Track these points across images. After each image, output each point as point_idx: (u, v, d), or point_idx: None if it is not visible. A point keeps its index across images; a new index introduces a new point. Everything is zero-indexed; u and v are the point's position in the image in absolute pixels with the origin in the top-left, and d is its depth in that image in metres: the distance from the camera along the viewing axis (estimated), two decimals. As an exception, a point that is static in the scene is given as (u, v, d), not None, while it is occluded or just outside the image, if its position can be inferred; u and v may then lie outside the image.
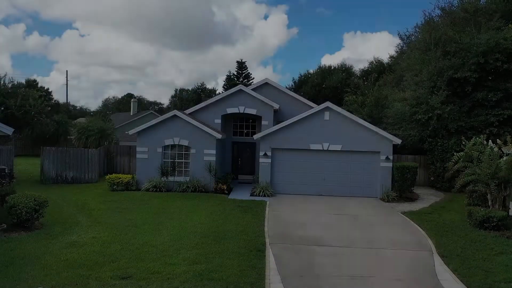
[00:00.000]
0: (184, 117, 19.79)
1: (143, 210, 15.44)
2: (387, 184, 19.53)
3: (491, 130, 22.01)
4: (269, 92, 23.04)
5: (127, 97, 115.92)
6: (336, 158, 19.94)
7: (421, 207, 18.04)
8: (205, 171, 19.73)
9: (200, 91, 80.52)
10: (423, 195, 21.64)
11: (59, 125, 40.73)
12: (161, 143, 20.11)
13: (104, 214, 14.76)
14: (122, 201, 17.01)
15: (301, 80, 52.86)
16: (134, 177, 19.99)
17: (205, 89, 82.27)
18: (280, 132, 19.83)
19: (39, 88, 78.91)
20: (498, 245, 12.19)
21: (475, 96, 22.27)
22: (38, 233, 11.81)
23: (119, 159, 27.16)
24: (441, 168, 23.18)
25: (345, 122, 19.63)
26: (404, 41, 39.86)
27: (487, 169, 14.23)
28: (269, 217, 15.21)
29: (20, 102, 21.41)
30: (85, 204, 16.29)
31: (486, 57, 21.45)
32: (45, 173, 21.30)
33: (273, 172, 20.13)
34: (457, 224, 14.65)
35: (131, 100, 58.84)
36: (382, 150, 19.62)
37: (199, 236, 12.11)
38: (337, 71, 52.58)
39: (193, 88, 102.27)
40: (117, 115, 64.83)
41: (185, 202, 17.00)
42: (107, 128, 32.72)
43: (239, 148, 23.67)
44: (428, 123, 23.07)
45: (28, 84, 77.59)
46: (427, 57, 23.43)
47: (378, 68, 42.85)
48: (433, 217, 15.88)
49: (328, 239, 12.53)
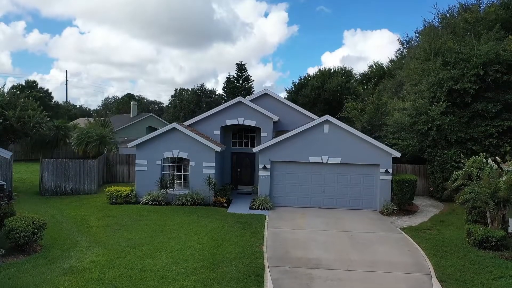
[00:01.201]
0: (183, 130, 19.75)
1: (141, 228, 15.41)
2: (387, 197, 19.52)
3: (490, 141, 22.02)
4: (268, 103, 23.01)
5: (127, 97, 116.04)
6: (336, 171, 19.92)
7: (420, 221, 18.03)
8: (204, 184, 19.70)
9: (200, 92, 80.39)
10: (423, 206, 21.64)
11: (58, 129, 40.73)
12: (160, 156, 20.07)
13: (103, 232, 14.73)
14: (121, 217, 16.99)
15: (301, 83, 52.75)
16: (133, 190, 19.95)
17: (205, 90, 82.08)
18: (280, 145, 19.79)
19: (39, 89, 78.99)
20: (497, 267, 12.19)
21: (475, 107, 22.23)
22: (36, 257, 11.77)
23: (118, 168, 27.16)
24: (440, 178, 23.16)
25: (344, 135, 19.59)
26: (404, 46, 39.83)
27: (486, 189, 14.20)
28: (268, 234, 15.20)
29: (19, 113, 21.30)
30: (84, 221, 16.26)
31: (486, 68, 21.40)
32: (45, 185, 21.27)
33: (272, 185, 20.12)
34: (456, 242, 14.64)
35: (131, 103, 58.79)
36: (382, 163, 19.59)
37: (198, 259, 12.09)
38: (337, 74, 52.48)
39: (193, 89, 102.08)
40: (117, 117, 64.78)
41: (184, 218, 16.96)
42: (106, 134, 32.69)
43: (238, 159, 23.64)
44: (427, 134, 23.04)
45: (28, 85, 77.77)
46: (426, 68, 23.36)
47: (378, 72, 42.72)
48: (432, 234, 15.87)
49: (328, 262, 12.51)
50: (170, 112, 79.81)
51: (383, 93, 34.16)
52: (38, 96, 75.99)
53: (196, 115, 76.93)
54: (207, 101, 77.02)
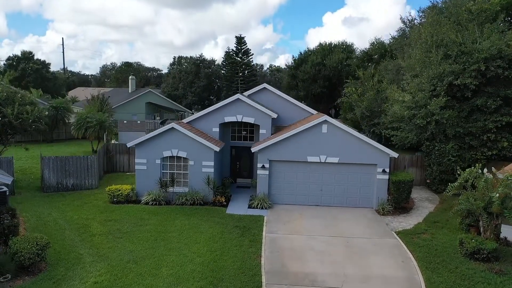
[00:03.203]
0: (182, 130, 19.79)
1: (143, 235, 15.79)
2: (383, 196, 19.84)
3: (488, 136, 22.08)
4: (267, 97, 22.92)
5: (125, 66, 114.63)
6: (334, 170, 20.14)
7: (415, 222, 18.44)
8: (204, 183, 19.98)
9: (199, 62, 79.40)
10: (419, 201, 22.04)
11: (57, 110, 40.69)
12: (159, 155, 20.23)
13: (105, 242, 15.11)
14: (122, 221, 17.36)
15: (301, 58, 52.05)
16: (134, 189, 20.25)
17: (204, 60, 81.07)
18: (278, 144, 19.89)
19: (35, 60, 77.91)
20: (487, 283, 12.65)
21: (475, 101, 22.13)
22: (42, 277, 12.17)
23: (118, 158, 27.37)
24: (437, 171, 23.43)
25: (342, 135, 19.65)
26: (406, 25, 39.00)
27: (480, 202, 14.46)
28: (266, 241, 15.62)
29: (17, 109, 21.27)
30: (86, 226, 16.62)
31: (487, 63, 21.14)
32: (46, 182, 21.54)
33: (270, 183, 20.39)
34: (448, 251, 15.03)
35: (129, 77, 58.30)
36: (379, 163, 19.77)
37: (198, 277, 12.53)
38: (338, 49, 51.75)
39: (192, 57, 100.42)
40: (115, 91, 64.39)
41: (184, 222, 17.34)
42: (105, 119, 32.74)
43: (237, 152, 23.79)
44: (426, 127, 23.08)
45: (24, 57, 76.68)
46: (428, 60, 23.05)
47: (379, 50, 42.08)
48: (426, 239, 16.25)
49: (323, 277, 12.95)
50: (169, 82, 79.06)
51: (383, 74, 33.84)
52: (35, 68, 75.54)
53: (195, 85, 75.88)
54: (206, 72, 76.24)
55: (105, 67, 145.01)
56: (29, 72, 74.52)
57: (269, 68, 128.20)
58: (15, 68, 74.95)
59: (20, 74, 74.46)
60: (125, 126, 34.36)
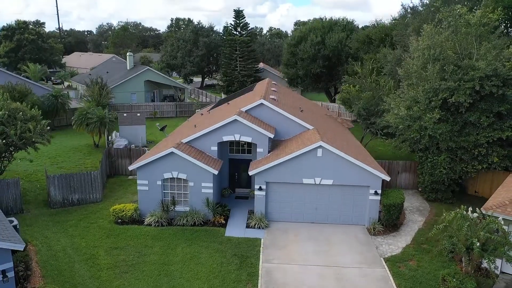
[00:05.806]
0: (181, 154, 20.42)
1: (147, 268, 16.94)
2: (374, 216, 20.83)
3: (479, 151, 22.68)
4: (264, 112, 23.27)
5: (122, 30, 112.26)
6: (328, 191, 20.98)
7: (404, 245, 19.55)
8: (203, 204, 20.92)
9: (197, 30, 77.90)
10: (409, 212, 23.09)
11: (57, 99, 40.97)
12: (160, 177, 20.99)
13: (113, 278, 16.28)
14: (128, 249, 18.45)
15: (300, 36, 51.19)
16: (137, 209, 21.18)
17: (202, 28, 79.45)
18: (275, 168, 20.58)
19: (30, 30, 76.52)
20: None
21: (468, 117, 22.49)
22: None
23: (120, 162, 28.15)
24: (429, 181, 24.27)
25: (336, 159, 20.28)
26: (407, 11, 38.29)
27: (462, 247, 15.42)
28: (262, 274, 16.80)
29: (20, 129, 21.80)
30: (94, 258, 17.71)
31: (482, 81, 21.32)
32: (52, 198, 22.47)
33: (267, 202, 21.31)
34: (432, 284, 16.22)
35: (127, 54, 57.70)
36: (371, 184, 20.56)
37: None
38: (338, 27, 50.81)
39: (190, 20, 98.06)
40: (114, 67, 63.96)
41: (186, 250, 18.42)
42: (105, 116, 33.17)
43: (235, 164, 24.49)
44: (419, 140, 23.64)
45: (19, 27, 75.21)
46: (424, 74, 23.16)
47: (380, 35, 41.47)
48: (412, 268, 17.42)
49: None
50: (167, 51, 78.06)
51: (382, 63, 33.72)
52: (31, 38, 74.34)
53: (193, 54, 74.80)
54: (204, 40, 75.03)
55: (102, 27, 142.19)
56: (24, 43, 73.57)
57: (269, 31, 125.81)
58: (10, 39, 74.01)
59: (15, 45, 73.68)
60: (126, 120, 34.78)
